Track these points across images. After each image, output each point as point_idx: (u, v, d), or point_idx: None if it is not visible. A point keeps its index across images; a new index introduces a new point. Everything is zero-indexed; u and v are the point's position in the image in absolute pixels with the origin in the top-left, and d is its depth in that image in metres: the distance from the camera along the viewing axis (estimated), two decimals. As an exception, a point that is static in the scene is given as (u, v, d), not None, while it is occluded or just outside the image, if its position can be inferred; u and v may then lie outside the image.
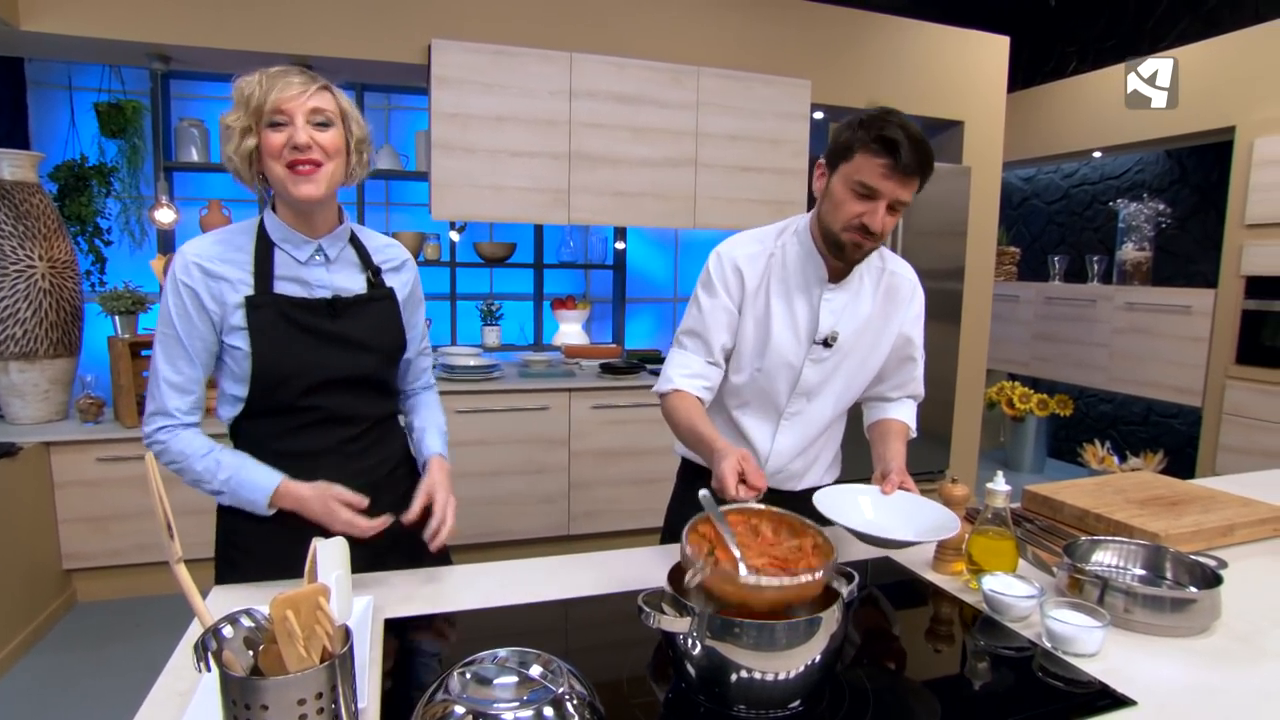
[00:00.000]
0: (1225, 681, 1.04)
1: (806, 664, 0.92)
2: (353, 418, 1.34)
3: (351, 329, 1.30)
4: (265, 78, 1.19)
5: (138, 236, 3.67)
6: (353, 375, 1.31)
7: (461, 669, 0.89)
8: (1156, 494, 1.76)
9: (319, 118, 1.21)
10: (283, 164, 1.19)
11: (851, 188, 1.34)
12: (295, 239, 1.27)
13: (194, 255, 1.23)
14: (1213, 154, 4.35)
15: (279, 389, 1.26)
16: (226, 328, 1.24)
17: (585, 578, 1.35)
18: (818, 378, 1.53)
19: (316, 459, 1.31)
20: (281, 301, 1.25)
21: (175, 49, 3.12)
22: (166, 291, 1.23)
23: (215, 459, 1.25)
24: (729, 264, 1.51)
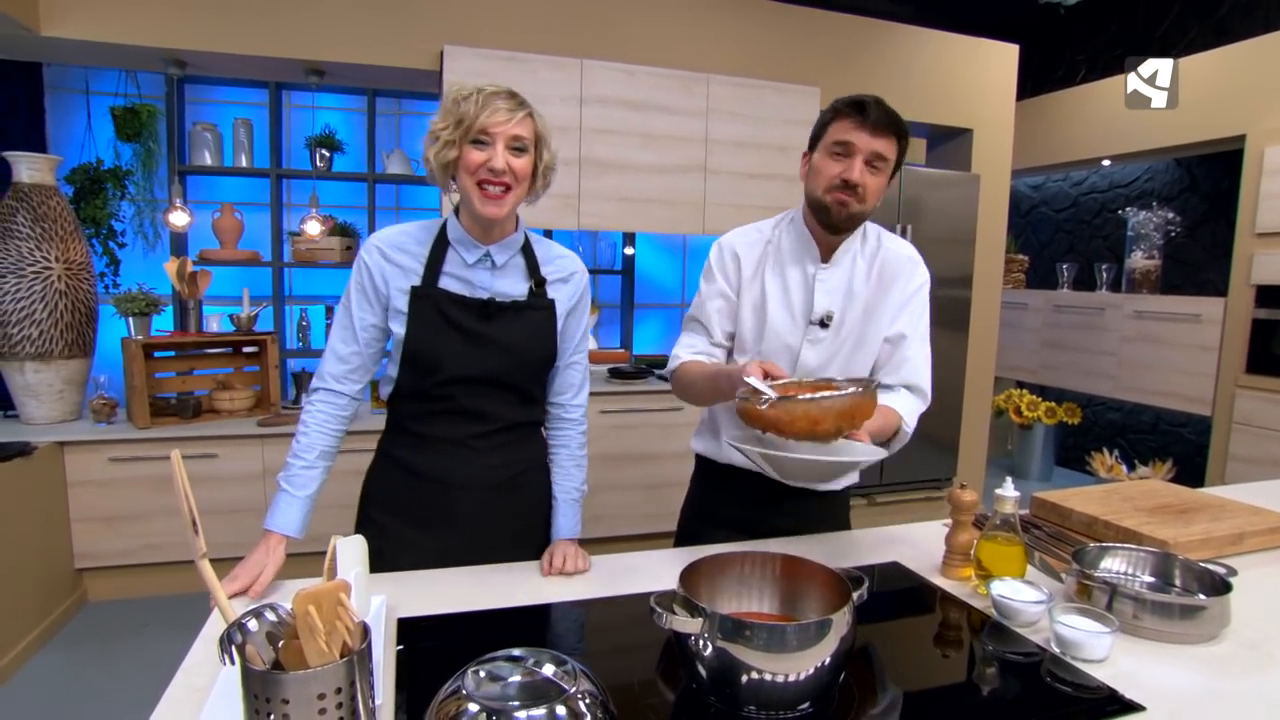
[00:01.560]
0: (1234, 688, 1.04)
1: (816, 666, 0.92)
2: (485, 415, 1.40)
3: (502, 333, 1.37)
4: (481, 96, 1.25)
5: (151, 239, 3.71)
6: (492, 375, 1.38)
7: (476, 667, 0.90)
8: (1165, 502, 1.76)
9: (517, 144, 1.28)
10: (475, 180, 1.27)
11: (830, 152, 1.41)
12: (468, 242, 1.36)
13: (378, 241, 1.36)
14: (1223, 162, 4.34)
15: (422, 375, 1.36)
16: (392, 311, 1.36)
17: (597, 580, 1.36)
18: (816, 360, 1.54)
19: (445, 446, 1.40)
20: (441, 296, 1.34)
21: (191, 54, 3.16)
22: (353, 270, 1.37)
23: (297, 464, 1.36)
24: (728, 251, 1.57)
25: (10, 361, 2.93)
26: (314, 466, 1.36)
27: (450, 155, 1.27)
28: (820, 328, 1.51)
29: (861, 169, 1.38)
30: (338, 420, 1.40)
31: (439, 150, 1.28)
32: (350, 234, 3.88)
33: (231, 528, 3.08)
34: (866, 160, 1.38)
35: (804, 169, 1.50)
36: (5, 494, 2.55)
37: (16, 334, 2.89)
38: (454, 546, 1.42)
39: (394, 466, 1.43)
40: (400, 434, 1.43)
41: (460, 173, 1.28)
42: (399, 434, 1.44)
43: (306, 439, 1.37)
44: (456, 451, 1.40)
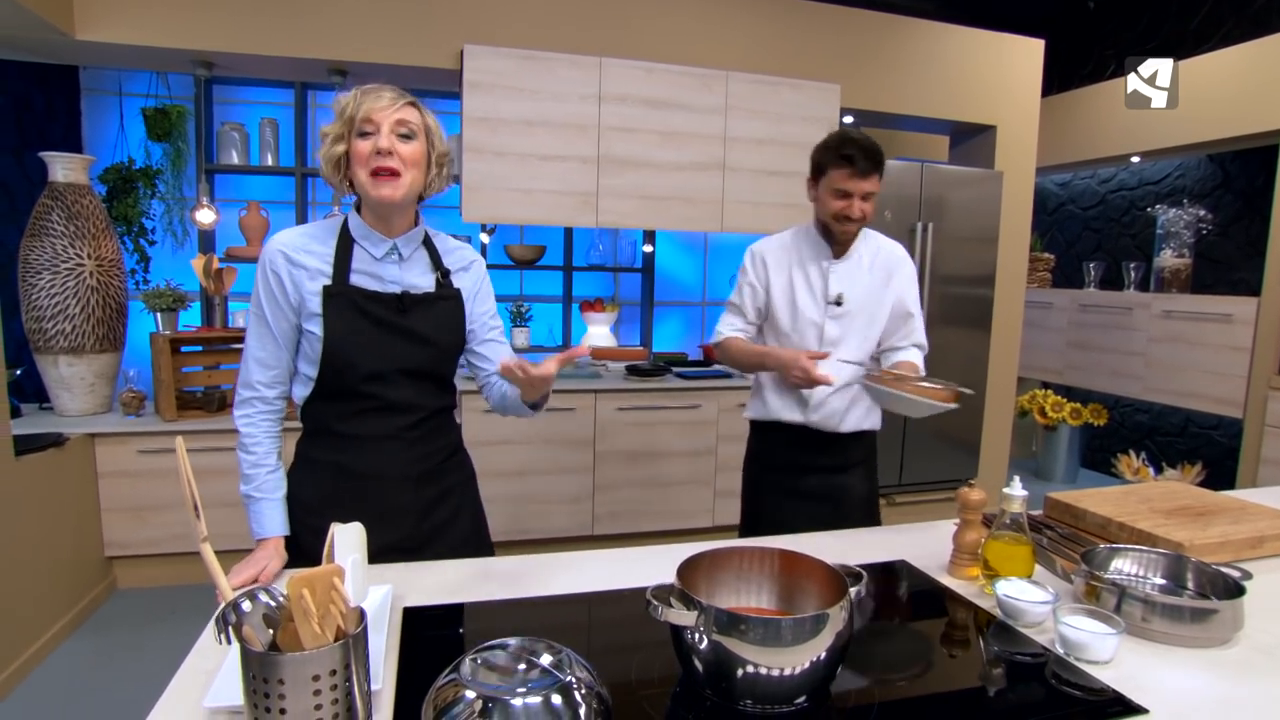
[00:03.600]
0: (1243, 693, 1.02)
1: (812, 660, 0.93)
2: (411, 407, 1.42)
3: (417, 323, 1.39)
4: (360, 92, 1.30)
5: (180, 236, 3.79)
6: (414, 367, 1.40)
7: (474, 655, 0.92)
8: (1183, 504, 1.73)
9: (403, 129, 1.31)
10: (367, 170, 1.29)
11: (831, 192, 1.86)
12: (373, 237, 1.37)
13: (280, 244, 1.36)
14: (1258, 158, 4.24)
15: (345, 373, 1.36)
16: (305, 313, 1.35)
17: (601, 573, 1.37)
18: (838, 332, 1.98)
19: (377, 443, 1.40)
20: (355, 293, 1.35)
21: (218, 55, 3.23)
22: (257, 277, 1.36)
23: (261, 472, 1.37)
24: (758, 256, 2.04)
25: (45, 355, 3.02)
26: (276, 470, 1.40)
27: (339, 150, 1.31)
28: (836, 306, 1.96)
29: (859, 204, 1.85)
30: (277, 424, 1.42)
31: (328, 148, 1.32)
32: (373, 232, 3.92)
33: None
34: (860, 197, 1.85)
35: (811, 192, 1.95)
36: (39, 484, 2.63)
37: (51, 328, 2.97)
38: (396, 541, 1.42)
39: (320, 470, 1.42)
40: (323, 436, 1.42)
41: (354, 166, 1.31)
42: (322, 436, 1.42)
43: (261, 448, 1.38)
44: (384, 446, 1.41)
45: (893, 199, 3.83)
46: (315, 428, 1.43)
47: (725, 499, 3.68)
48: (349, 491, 1.40)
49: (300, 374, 1.40)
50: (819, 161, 1.90)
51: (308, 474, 1.43)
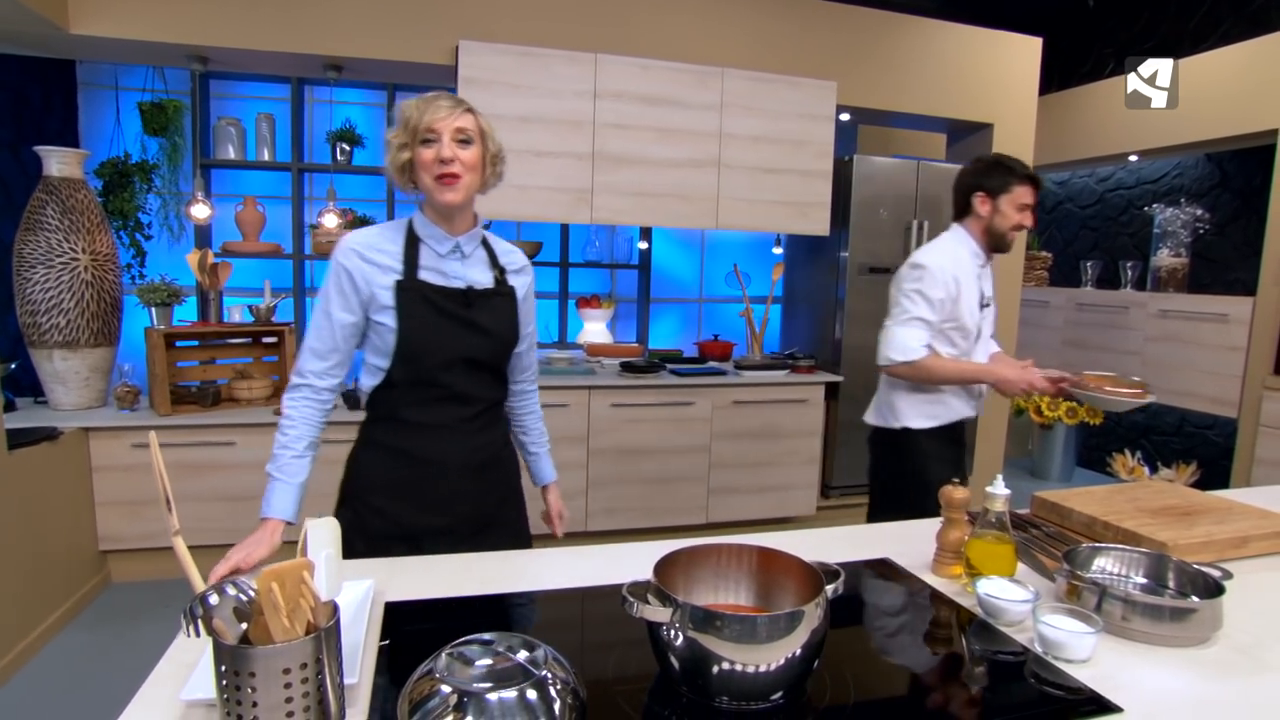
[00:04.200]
0: (1219, 693, 1.03)
1: (787, 657, 0.93)
2: (472, 398, 1.52)
3: (480, 317, 1.49)
4: (421, 102, 1.40)
5: (176, 231, 3.80)
6: (477, 357, 1.50)
7: (450, 650, 0.92)
8: (1170, 504, 1.73)
9: (462, 136, 1.41)
10: (431, 175, 1.40)
11: (1016, 207, 2.17)
12: (438, 235, 1.47)
13: (353, 243, 1.45)
14: (1256, 158, 4.23)
15: (415, 363, 1.45)
16: (375, 306, 1.44)
17: (586, 570, 1.38)
18: (985, 329, 2.32)
19: (440, 432, 1.50)
20: (425, 287, 1.45)
21: (213, 50, 3.23)
22: (329, 273, 1.45)
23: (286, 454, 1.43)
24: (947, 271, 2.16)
25: (40, 349, 3.02)
26: (303, 456, 1.45)
27: (404, 157, 1.41)
28: (983, 307, 2.27)
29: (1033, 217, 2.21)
30: (320, 414, 1.48)
31: (394, 155, 1.43)
32: (370, 227, 3.93)
33: (246, 513, 3.12)
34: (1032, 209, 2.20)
35: (985, 207, 2.20)
36: (33, 477, 2.64)
37: (45, 323, 2.98)
38: (448, 525, 1.52)
39: (386, 454, 1.50)
40: (390, 423, 1.50)
41: (418, 171, 1.41)
42: (389, 423, 1.50)
43: (295, 431, 1.44)
44: (446, 434, 1.50)
45: (888, 197, 3.83)
46: (382, 415, 1.51)
47: (719, 496, 3.69)
48: (411, 476, 1.49)
49: (369, 365, 1.49)
50: (1003, 180, 2.16)
51: (374, 457, 1.51)
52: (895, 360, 2.18)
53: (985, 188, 2.18)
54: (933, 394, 2.25)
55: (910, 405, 2.26)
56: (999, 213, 2.17)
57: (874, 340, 3.87)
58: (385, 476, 1.50)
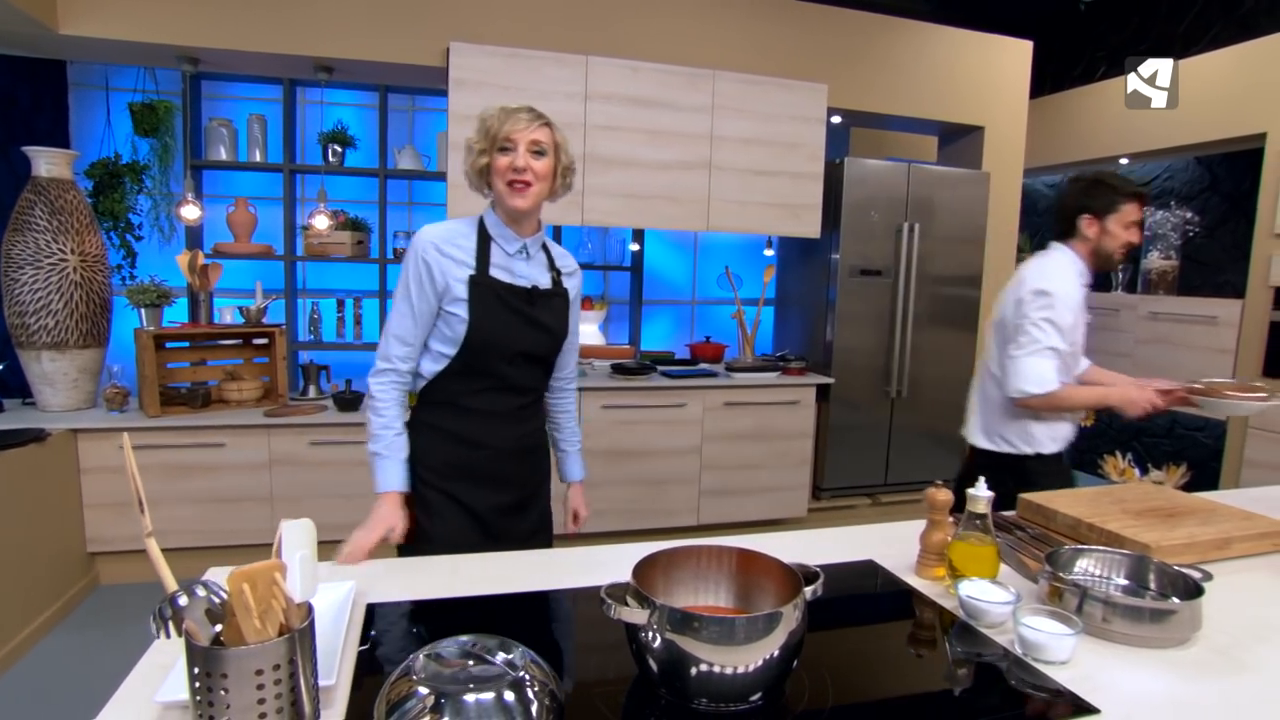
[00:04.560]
0: (1196, 694, 1.03)
1: (765, 658, 0.93)
2: (524, 388, 1.65)
3: (541, 314, 1.61)
4: (502, 112, 1.51)
5: (167, 232, 3.79)
6: (535, 352, 1.62)
7: (428, 651, 0.92)
8: (1155, 505, 1.74)
9: (536, 147, 1.51)
10: (504, 181, 1.51)
11: (1124, 226, 2.11)
12: (508, 235, 1.58)
13: (431, 237, 1.55)
14: (1245, 161, 4.25)
15: (482, 353, 1.56)
16: (448, 297, 1.54)
17: (569, 571, 1.38)
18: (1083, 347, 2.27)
19: (494, 417, 1.62)
20: (495, 284, 1.55)
21: (203, 51, 3.22)
22: (406, 262, 1.55)
23: (389, 433, 1.57)
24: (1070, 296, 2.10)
25: (28, 350, 3.01)
26: (401, 434, 1.58)
27: (483, 162, 1.53)
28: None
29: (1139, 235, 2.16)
30: (404, 394, 1.61)
31: (474, 159, 1.54)
32: (361, 228, 3.92)
33: (236, 515, 3.15)
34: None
35: (1093, 228, 2.12)
36: (21, 479, 2.63)
37: (34, 324, 2.97)
38: (500, 503, 1.65)
39: (443, 437, 1.61)
40: (449, 408, 1.61)
41: (493, 176, 1.52)
42: (448, 408, 1.61)
43: (391, 411, 1.58)
44: (499, 420, 1.62)
45: (879, 199, 3.84)
46: (442, 399, 1.61)
47: (710, 497, 3.69)
48: (466, 457, 1.60)
49: (434, 351, 1.58)
50: (1109, 200, 2.11)
51: (432, 440, 1.61)
52: (1031, 393, 2.10)
53: (1091, 209, 2.13)
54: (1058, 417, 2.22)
55: (1043, 430, 2.21)
56: (1107, 233, 2.12)
57: (864, 342, 3.93)
58: (444, 457, 1.60)
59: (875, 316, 3.92)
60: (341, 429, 3.24)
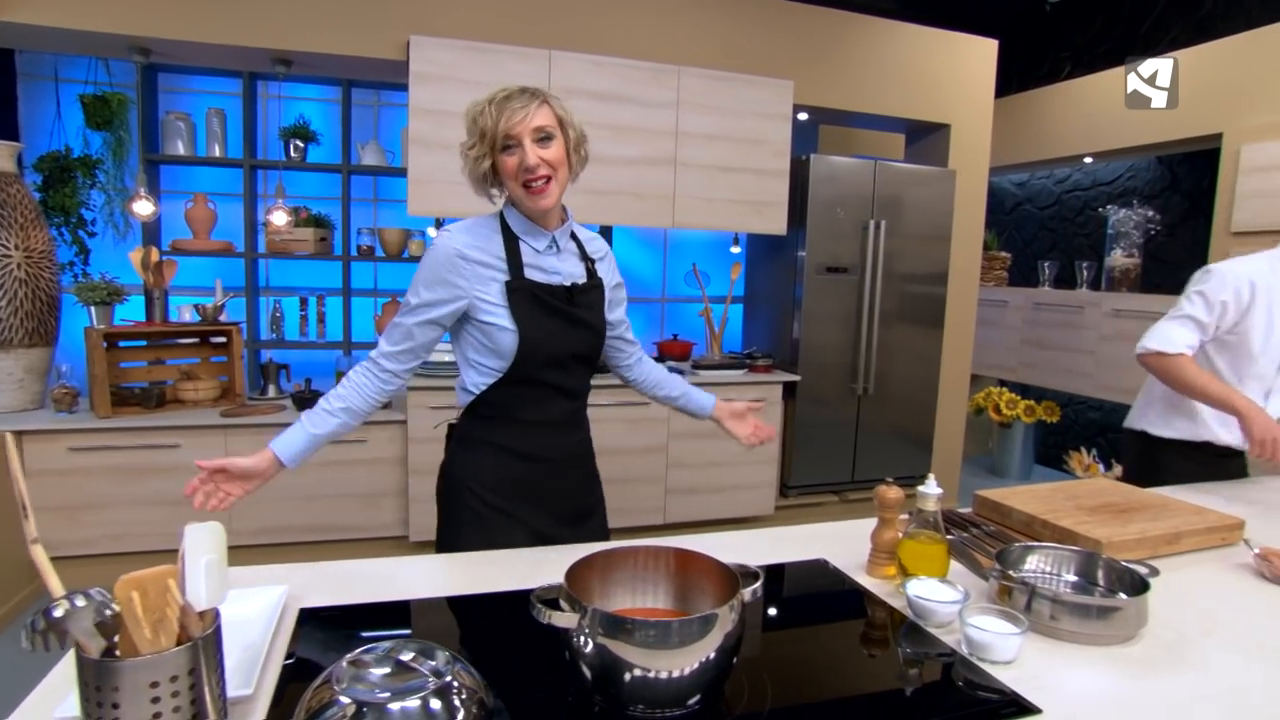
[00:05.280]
0: (1138, 691, 1.02)
1: (701, 661, 0.90)
2: (575, 391, 1.55)
3: (583, 311, 1.50)
4: (494, 106, 1.36)
5: (122, 229, 3.69)
6: (582, 352, 1.52)
7: (351, 658, 0.89)
8: (1109, 501, 1.74)
9: (542, 134, 1.37)
10: (519, 183, 1.38)
11: None
12: (535, 232, 1.47)
13: (455, 241, 1.42)
14: (1204, 161, 4.31)
15: (530, 360, 1.44)
16: (484, 307, 1.42)
17: (518, 573, 1.34)
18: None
19: (550, 427, 1.53)
20: (533, 286, 1.44)
21: (155, 42, 3.14)
22: (424, 267, 1.42)
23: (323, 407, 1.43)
24: (1244, 279, 2.01)
25: (-29, 349, 2.92)
26: (335, 415, 1.42)
27: (484, 166, 1.39)
28: None
29: None
30: (373, 388, 1.46)
31: (473, 165, 1.41)
32: (324, 225, 3.85)
33: (191, 518, 3.05)
34: None
35: None
36: (-42, 482, 2.54)
37: (-24, 322, 2.88)
38: (557, 517, 1.56)
39: (499, 453, 1.50)
40: (503, 422, 1.50)
41: (504, 179, 1.40)
42: (502, 422, 1.50)
43: (340, 391, 1.44)
44: (555, 430, 1.54)
45: (845, 197, 3.84)
46: (495, 414, 1.49)
47: (677, 496, 3.67)
48: (525, 472, 1.51)
49: (480, 365, 1.47)
50: None
51: (488, 457, 1.50)
52: (1150, 348, 2.05)
53: None
54: (1187, 406, 2.11)
55: (1160, 409, 2.16)
56: None
57: (831, 340, 3.93)
58: (502, 475, 1.50)
59: (842, 314, 3.92)
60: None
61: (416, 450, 3.25)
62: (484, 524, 1.49)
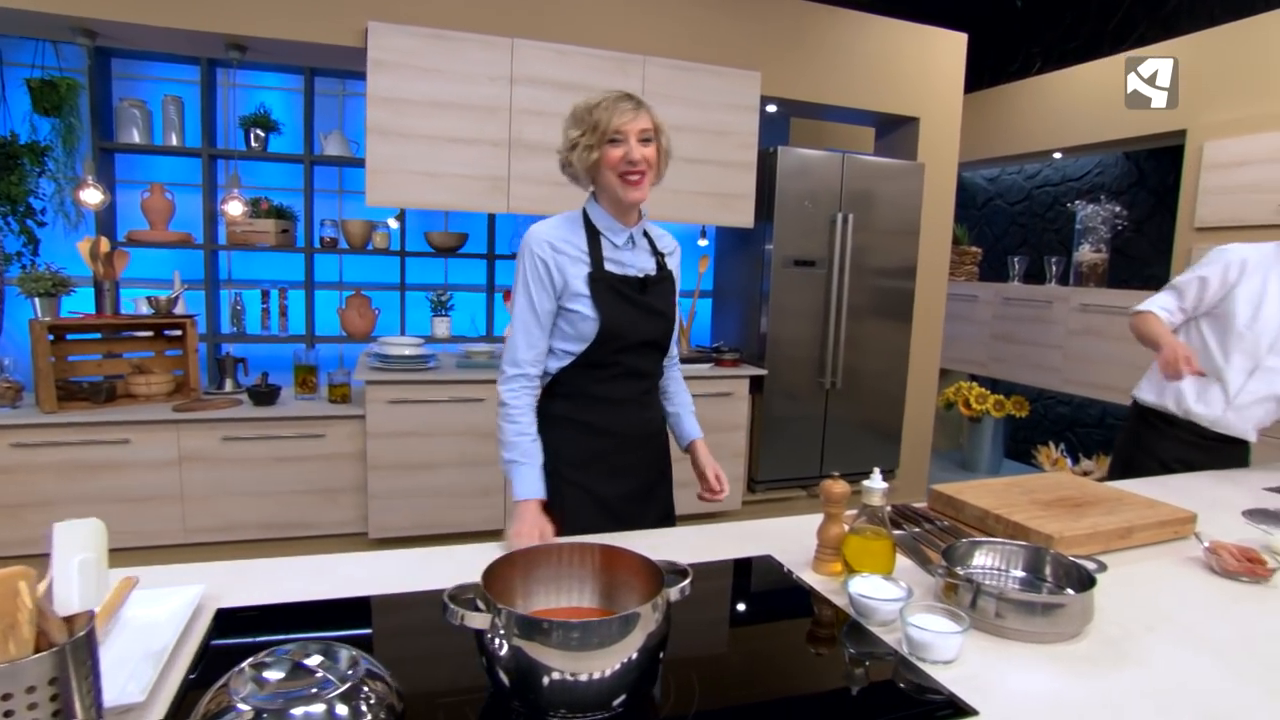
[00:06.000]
0: (1078, 689, 1.00)
1: (623, 662, 0.87)
2: (646, 373, 1.66)
3: (655, 301, 1.62)
4: (606, 104, 1.49)
5: (74, 218, 3.58)
6: (654, 338, 1.63)
7: (254, 662, 0.85)
8: (1064, 495, 1.73)
9: (645, 135, 1.50)
10: (617, 173, 1.50)
11: None
12: (615, 227, 1.58)
13: (545, 236, 1.54)
14: (1169, 157, 4.34)
15: (608, 344, 1.56)
16: (568, 294, 1.54)
17: (452, 570, 1.29)
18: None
19: (623, 405, 1.63)
20: (612, 278, 1.56)
21: (101, 24, 3.03)
22: (524, 266, 1.54)
23: (525, 440, 1.56)
24: (1236, 258, 2.11)
25: (-92, 342, 2.82)
26: (536, 440, 1.57)
27: (593, 157, 1.50)
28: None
29: None
30: (535, 397, 1.61)
31: (582, 155, 1.51)
32: (286, 216, 3.77)
33: (143, 515, 2.99)
34: None
35: None
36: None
37: (-86, 314, 2.78)
38: (628, 491, 1.66)
39: (577, 429, 1.61)
40: (579, 399, 1.61)
41: (603, 169, 1.50)
42: (577, 400, 1.61)
43: (526, 418, 1.57)
44: (628, 407, 1.64)
45: (813, 189, 3.81)
46: (571, 392, 1.61)
47: (645, 492, 3.63)
48: (600, 448, 1.61)
49: (557, 350, 1.59)
50: None
51: (566, 434, 1.61)
52: (1132, 309, 2.26)
53: None
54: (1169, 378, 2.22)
55: (1153, 378, 2.30)
56: None
57: (799, 333, 3.91)
58: (574, 450, 1.61)
59: (810, 308, 3.89)
60: (256, 424, 3.10)
61: (376, 445, 3.19)
62: (557, 496, 1.58)
